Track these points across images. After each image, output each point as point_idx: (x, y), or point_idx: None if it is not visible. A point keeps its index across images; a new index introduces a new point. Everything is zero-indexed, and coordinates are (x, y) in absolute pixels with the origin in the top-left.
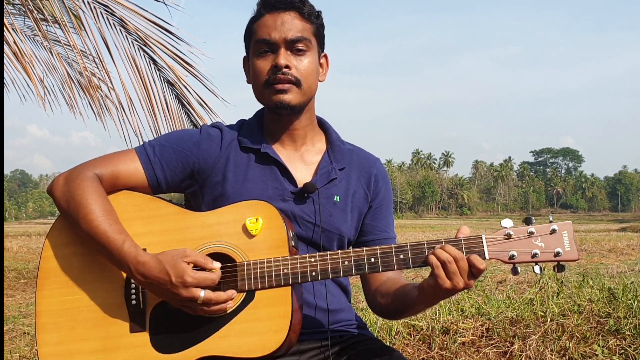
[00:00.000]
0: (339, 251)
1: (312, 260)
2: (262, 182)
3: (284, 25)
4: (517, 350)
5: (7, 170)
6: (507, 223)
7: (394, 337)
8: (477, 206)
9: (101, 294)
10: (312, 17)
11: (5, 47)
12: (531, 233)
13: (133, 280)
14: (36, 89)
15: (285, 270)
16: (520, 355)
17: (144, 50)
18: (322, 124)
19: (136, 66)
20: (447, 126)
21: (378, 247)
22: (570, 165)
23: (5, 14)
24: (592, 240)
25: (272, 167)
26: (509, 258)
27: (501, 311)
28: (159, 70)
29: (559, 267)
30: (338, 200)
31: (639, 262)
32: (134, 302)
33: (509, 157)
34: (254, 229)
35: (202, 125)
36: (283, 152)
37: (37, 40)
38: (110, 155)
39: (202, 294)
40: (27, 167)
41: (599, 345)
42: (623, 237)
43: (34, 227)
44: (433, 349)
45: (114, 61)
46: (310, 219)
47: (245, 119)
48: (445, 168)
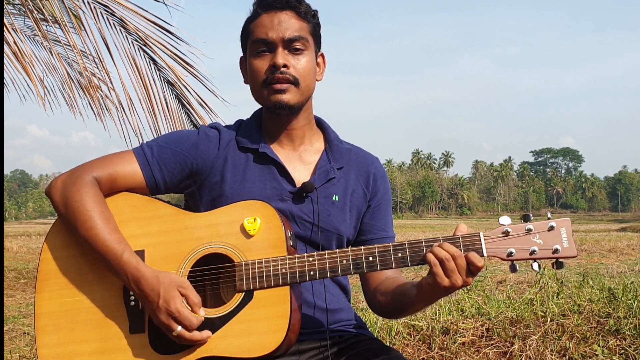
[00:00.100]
0: (337, 250)
1: (311, 259)
2: (260, 182)
3: (281, 25)
4: (517, 351)
5: (7, 170)
6: (504, 220)
7: (394, 337)
8: (477, 206)
9: (100, 296)
10: (309, 16)
11: (5, 47)
12: (529, 230)
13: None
14: (36, 89)
15: (283, 270)
16: (520, 355)
17: (144, 50)
18: (320, 124)
19: (136, 66)
20: (447, 126)
21: (376, 245)
22: (570, 165)
23: (5, 14)
24: (592, 240)
25: (271, 167)
26: (507, 255)
27: (501, 311)
28: (159, 70)
29: (558, 263)
30: (337, 199)
31: (639, 262)
32: (132, 303)
33: (509, 157)
34: (252, 229)
35: (200, 126)
36: (281, 152)
37: (37, 40)
38: (108, 157)
39: (179, 329)
40: (27, 167)
41: (599, 346)
42: (623, 237)
43: (34, 227)
44: (433, 349)
45: (114, 61)
46: (308, 218)
47: (243, 119)
48: (445, 168)
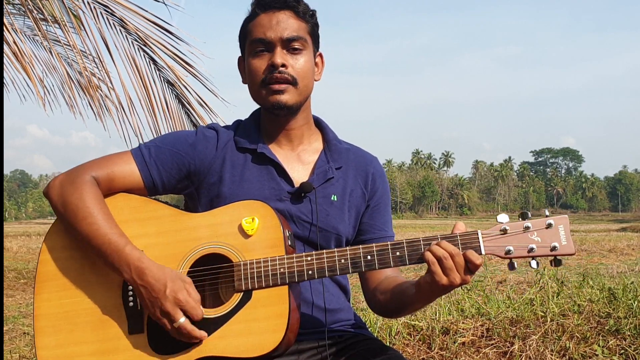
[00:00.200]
0: (335, 249)
1: (309, 258)
2: (258, 182)
3: (279, 25)
4: (517, 351)
5: (7, 170)
6: (503, 218)
7: (394, 337)
8: (477, 206)
9: (99, 297)
10: (307, 16)
11: (5, 47)
12: (527, 228)
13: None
14: (36, 89)
15: (281, 270)
16: (520, 355)
17: (144, 50)
18: (318, 123)
19: (136, 66)
20: (447, 126)
21: (374, 244)
22: (571, 165)
23: (5, 14)
24: (592, 240)
25: (269, 167)
26: (505, 253)
27: (501, 311)
28: (159, 70)
29: (556, 261)
30: (335, 199)
31: (639, 262)
32: (131, 304)
33: (509, 157)
34: (250, 228)
35: (199, 127)
36: (280, 152)
37: (37, 40)
38: (106, 158)
39: (182, 320)
40: (27, 167)
41: (599, 346)
42: (623, 237)
43: (33, 227)
44: (433, 349)
45: (113, 61)
46: (307, 218)
47: (242, 120)
48: (445, 168)
